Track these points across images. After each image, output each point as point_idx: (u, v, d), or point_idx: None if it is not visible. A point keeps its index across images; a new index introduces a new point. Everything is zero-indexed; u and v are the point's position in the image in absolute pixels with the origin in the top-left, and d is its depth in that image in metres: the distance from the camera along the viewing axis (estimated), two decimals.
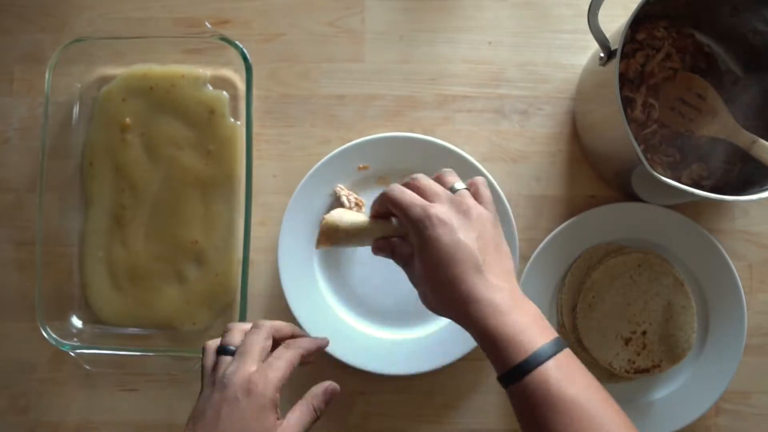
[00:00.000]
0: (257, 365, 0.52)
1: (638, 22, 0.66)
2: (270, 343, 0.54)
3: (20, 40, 0.75)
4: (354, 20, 0.74)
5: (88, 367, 0.68)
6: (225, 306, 0.71)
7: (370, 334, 0.71)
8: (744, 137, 0.64)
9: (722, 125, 0.65)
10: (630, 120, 0.68)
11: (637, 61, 0.69)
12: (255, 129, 0.71)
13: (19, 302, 0.72)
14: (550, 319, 0.70)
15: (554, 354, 0.47)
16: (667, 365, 0.68)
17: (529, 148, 0.73)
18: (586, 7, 0.56)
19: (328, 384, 0.55)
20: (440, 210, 0.51)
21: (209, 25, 0.73)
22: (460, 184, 0.55)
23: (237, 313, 0.68)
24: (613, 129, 0.61)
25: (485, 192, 0.55)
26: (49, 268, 0.69)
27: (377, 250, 0.57)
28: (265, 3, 0.75)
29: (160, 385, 0.72)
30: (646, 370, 0.68)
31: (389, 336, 0.71)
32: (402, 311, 0.71)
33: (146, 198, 0.72)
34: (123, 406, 0.72)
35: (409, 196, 0.53)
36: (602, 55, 0.60)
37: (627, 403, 0.70)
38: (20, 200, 0.73)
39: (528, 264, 0.69)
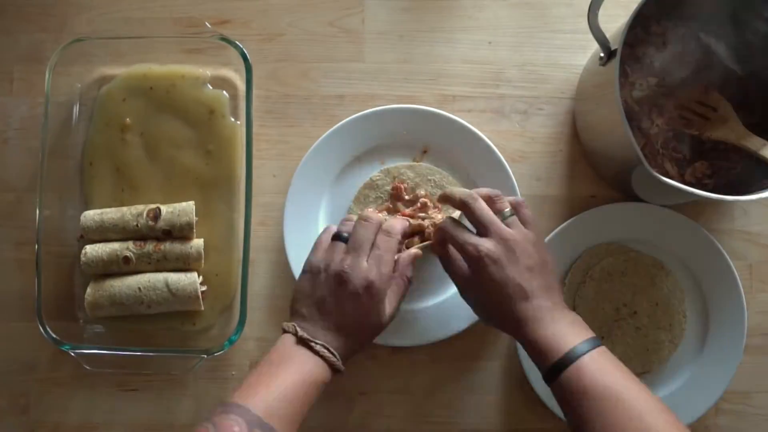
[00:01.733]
0: (368, 258, 0.59)
1: (638, 21, 0.66)
2: (376, 235, 0.61)
3: (20, 40, 0.75)
4: (354, 20, 0.74)
5: (88, 367, 0.68)
6: (225, 306, 0.71)
7: None
8: (754, 141, 0.64)
9: (731, 130, 0.66)
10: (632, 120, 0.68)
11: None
12: (255, 129, 0.71)
13: (19, 302, 0.72)
14: None
15: (588, 350, 0.53)
16: (656, 366, 0.69)
17: (529, 148, 0.73)
18: (586, 7, 0.56)
19: (412, 252, 0.63)
20: (490, 249, 0.57)
21: (209, 25, 0.73)
22: (508, 210, 0.60)
23: (237, 313, 0.68)
24: (613, 129, 0.61)
25: (528, 213, 0.60)
26: (49, 268, 0.69)
27: (444, 263, 0.63)
28: (265, 3, 0.75)
29: (160, 385, 0.72)
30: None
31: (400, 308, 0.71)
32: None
33: (146, 198, 0.72)
34: (123, 406, 0.72)
35: (462, 235, 0.59)
36: (602, 55, 0.60)
37: None
38: (20, 200, 0.73)
39: None
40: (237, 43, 0.70)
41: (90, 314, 0.70)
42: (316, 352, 0.57)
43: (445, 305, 0.70)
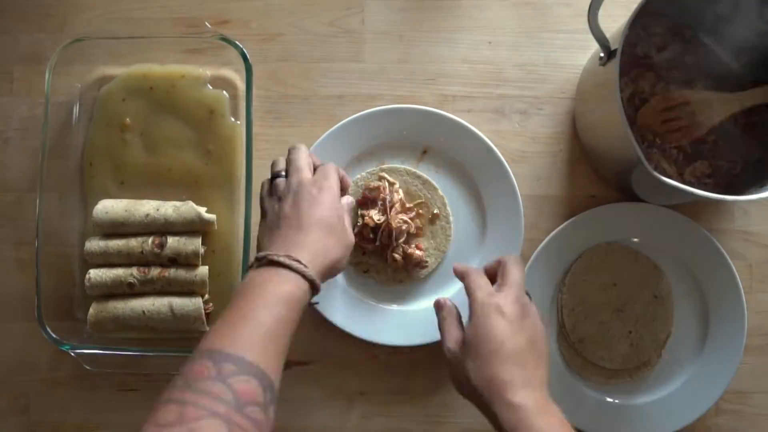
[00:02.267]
0: (311, 173, 0.59)
1: (638, 21, 0.66)
2: (311, 159, 0.61)
3: (20, 40, 0.75)
4: (354, 20, 0.74)
5: (88, 367, 0.68)
6: (225, 306, 0.71)
7: (377, 306, 0.71)
8: (749, 96, 0.64)
9: (723, 104, 0.65)
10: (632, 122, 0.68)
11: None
12: (255, 129, 0.71)
13: (19, 302, 0.72)
14: (549, 319, 0.70)
15: None
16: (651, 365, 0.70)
17: (529, 148, 0.73)
18: (586, 7, 0.56)
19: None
20: (503, 301, 0.55)
21: (209, 25, 0.73)
22: (530, 296, 0.59)
23: None
24: (613, 129, 0.61)
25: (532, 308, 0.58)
26: (49, 268, 0.69)
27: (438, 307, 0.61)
28: (265, 3, 0.75)
29: (160, 385, 0.70)
30: (638, 368, 0.69)
31: (396, 308, 0.71)
32: (407, 285, 0.71)
33: (146, 198, 0.72)
34: (123, 406, 0.72)
35: (480, 280, 0.58)
36: (602, 55, 0.60)
37: (627, 402, 0.70)
38: (20, 200, 0.73)
39: (528, 264, 0.69)
40: (237, 43, 0.70)
41: (92, 331, 0.70)
42: (281, 265, 0.52)
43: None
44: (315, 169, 0.62)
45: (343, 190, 0.62)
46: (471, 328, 0.55)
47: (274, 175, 0.62)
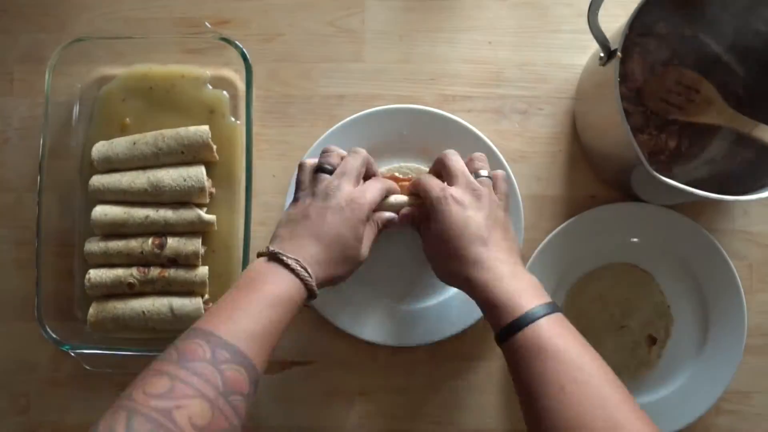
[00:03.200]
0: (356, 185, 0.60)
1: (638, 21, 0.66)
2: (365, 169, 0.62)
3: (20, 40, 0.75)
4: (354, 20, 0.74)
5: (88, 367, 0.68)
6: None
7: (377, 306, 0.71)
8: (743, 122, 0.64)
9: (719, 113, 0.66)
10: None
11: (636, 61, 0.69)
12: (255, 129, 0.71)
13: (19, 302, 0.72)
14: None
15: (547, 314, 0.52)
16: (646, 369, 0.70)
17: (529, 148, 0.73)
18: (586, 7, 0.56)
19: (389, 215, 0.63)
20: (456, 191, 0.59)
21: (209, 25, 0.73)
22: (485, 172, 0.62)
23: None
24: (613, 129, 0.61)
25: (502, 185, 0.62)
26: (49, 268, 0.69)
27: (402, 218, 0.63)
28: (265, 3, 0.75)
29: None
30: (638, 368, 0.70)
31: (396, 308, 0.71)
32: (410, 286, 0.71)
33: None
34: None
35: (433, 181, 0.61)
36: (602, 55, 0.60)
37: None
38: (20, 200, 0.73)
39: (528, 264, 0.69)
40: (237, 43, 0.70)
41: (92, 331, 0.70)
42: (287, 266, 0.54)
43: (445, 305, 0.70)
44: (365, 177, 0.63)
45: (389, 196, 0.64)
46: (434, 223, 0.59)
47: (322, 168, 0.61)
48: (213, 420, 0.46)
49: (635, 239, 0.71)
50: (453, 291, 0.70)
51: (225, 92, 0.72)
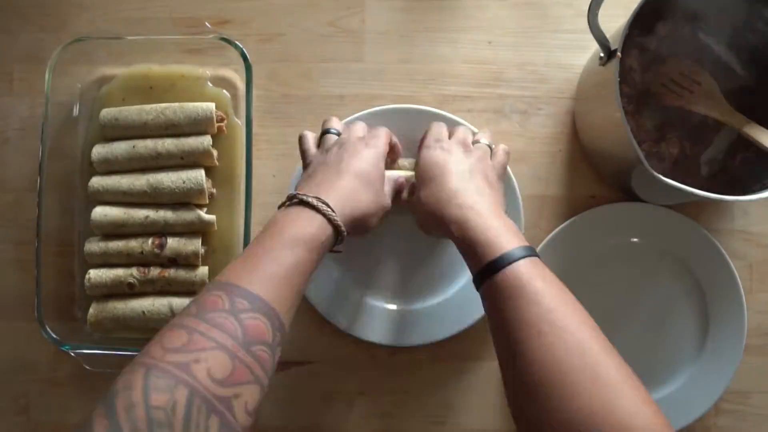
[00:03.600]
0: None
1: (638, 21, 0.66)
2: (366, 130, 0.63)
3: (20, 40, 0.75)
4: (354, 20, 0.74)
5: (88, 367, 0.68)
6: None
7: (376, 306, 0.71)
8: (737, 119, 0.64)
9: (715, 105, 0.65)
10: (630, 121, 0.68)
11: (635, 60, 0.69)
12: (255, 129, 0.71)
13: (19, 302, 0.72)
14: None
15: (527, 256, 0.51)
16: None
17: (529, 148, 0.73)
18: (586, 7, 0.56)
19: (401, 174, 0.64)
20: (446, 143, 0.61)
21: (209, 25, 0.73)
22: (486, 140, 0.63)
23: None
24: (613, 129, 0.61)
25: (502, 157, 0.63)
26: (49, 268, 0.69)
27: (411, 186, 0.64)
28: (265, 3, 0.75)
29: None
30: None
31: (396, 308, 0.71)
32: (410, 286, 0.71)
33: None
34: None
35: (429, 135, 0.63)
36: (602, 55, 0.60)
37: None
38: (20, 200, 0.73)
39: None
40: (237, 43, 0.70)
41: (92, 331, 0.70)
42: (306, 204, 0.53)
43: (445, 305, 0.70)
44: None
45: (395, 155, 0.66)
46: (417, 165, 0.61)
47: (326, 131, 0.63)
48: (234, 372, 0.44)
49: (635, 239, 0.71)
50: (453, 291, 0.70)
51: (225, 92, 0.72)
